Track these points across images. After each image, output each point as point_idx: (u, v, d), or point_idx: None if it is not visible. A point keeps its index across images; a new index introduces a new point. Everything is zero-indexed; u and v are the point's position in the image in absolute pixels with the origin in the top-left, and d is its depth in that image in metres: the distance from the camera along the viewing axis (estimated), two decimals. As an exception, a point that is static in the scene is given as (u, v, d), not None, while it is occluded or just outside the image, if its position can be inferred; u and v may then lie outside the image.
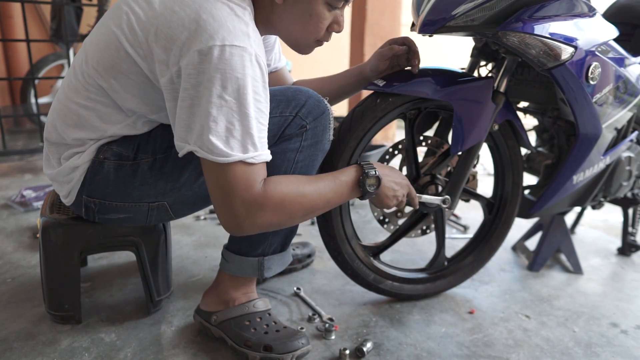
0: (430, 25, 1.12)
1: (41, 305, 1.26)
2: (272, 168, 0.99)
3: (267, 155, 0.90)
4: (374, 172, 1.03)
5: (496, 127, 1.29)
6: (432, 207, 1.30)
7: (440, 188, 1.29)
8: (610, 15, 1.63)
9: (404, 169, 1.33)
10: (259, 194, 0.89)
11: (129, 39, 0.89)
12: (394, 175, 1.09)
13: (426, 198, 1.24)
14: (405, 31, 3.40)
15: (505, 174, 1.42)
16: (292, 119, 1.00)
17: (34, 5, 3.67)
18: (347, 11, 3.32)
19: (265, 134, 0.91)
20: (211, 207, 2.02)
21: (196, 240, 1.75)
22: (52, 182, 1.08)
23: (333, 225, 1.24)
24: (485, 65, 1.43)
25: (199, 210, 1.13)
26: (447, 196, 1.26)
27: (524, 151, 1.54)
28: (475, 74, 1.41)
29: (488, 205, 1.47)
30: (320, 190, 0.97)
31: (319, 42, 1.04)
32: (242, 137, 0.86)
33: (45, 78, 3.03)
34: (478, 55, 1.37)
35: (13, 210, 1.98)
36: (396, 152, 1.30)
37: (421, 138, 1.31)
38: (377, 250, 1.37)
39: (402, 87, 1.16)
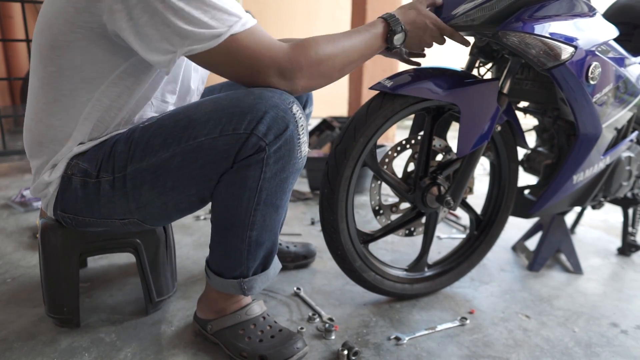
0: None
1: (41, 306, 1.26)
2: (232, 197, 0.94)
3: (253, 19, 0.89)
4: (400, 30, 1.06)
5: (499, 128, 1.29)
6: (432, 208, 1.31)
7: (442, 189, 1.29)
8: (611, 15, 1.63)
9: (411, 165, 1.34)
10: (287, 60, 0.90)
11: (56, 8, 0.89)
12: (418, 26, 1.09)
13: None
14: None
15: (498, 194, 1.45)
16: (246, 138, 0.88)
17: (34, 5, 3.67)
18: (347, 11, 3.31)
19: (234, 1, 0.89)
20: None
21: (196, 240, 1.75)
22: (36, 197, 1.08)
23: (337, 199, 1.22)
24: (484, 64, 1.43)
25: (182, 218, 1.08)
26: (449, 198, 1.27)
27: (523, 151, 1.55)
28: (474, 72, 1.41)
29: (476, 220, 1.48)
30: (353, 41, 0.99)
31: None
32: (219, 14, 0.85)
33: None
34: (477, 53, 1.37)
35: (13, 210, 1.98)
36: (408, 146, 1.30)
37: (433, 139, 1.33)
38: (369, 238, 1.36)
39: (409, 89, 1.16)
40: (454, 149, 1.27)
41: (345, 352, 1.09)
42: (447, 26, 1.12)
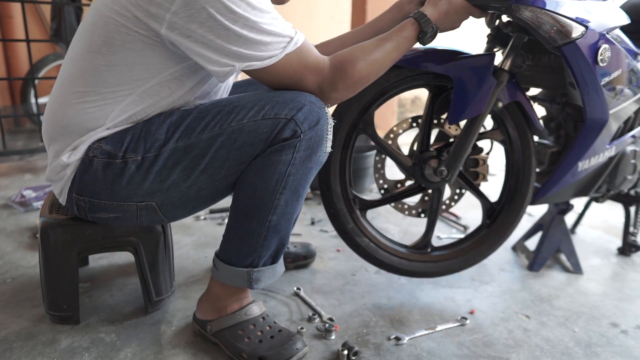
0: None
1: (41, 305, 1.26)
2: (261, 180, 0.98)
3: (302, 35, 0.98)
4: (432, 30, 1.09)
5: (500, 105, 1.29)
6: (430, 181, 1.33)
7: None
8: None
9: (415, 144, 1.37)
10: (327, 78, 0.99)
11: (114, 8, 0.92)
12: (449, 16, 1.12)
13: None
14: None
15: (513, 183, 1.42)
16: (286, 122, 0.96)
17: (34, 5, 3.67)
18: (347, 10, 3.31)
19: (283, 20, 0.97)
20: (211, 207, 2.02)
21: (196, 240, 1.75)
22: (50, 181, 1.08)
23: (331, 158, 1.27)
24: (502, 51, 1.44)
25: (193, 214, 1.10)
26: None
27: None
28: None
29: (489, 210, 1.46)
30: (387, 51, 1.05)
31: None
32: (275, 38, 0.93)
33: (45, 78, 3.03)
34: (493, 41, 1.40)
35: (13, 210, 1.98)
36: (414, 124, 1.35)
37: (442, 120, 1.37)
38: (366, 204, 1.39)
39: (403, 60, 1.21)
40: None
41: (345, 352, 1.09)
42: (476, 9, 1.16)
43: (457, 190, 1.45)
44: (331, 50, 1.31)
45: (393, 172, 1.93)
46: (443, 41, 1.26)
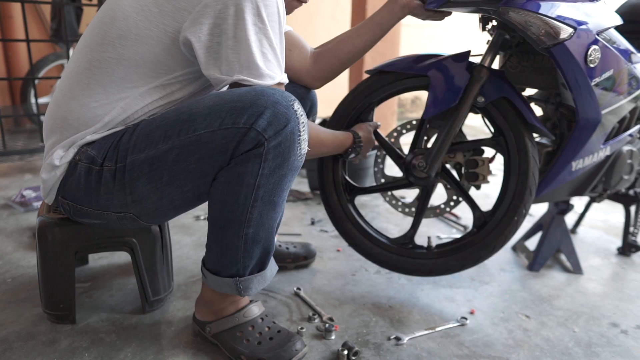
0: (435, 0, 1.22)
1: (41, 306, 1.26)
2: (229, 194, 0.94)
3: (287, 78, 1.01)
4: (360, 144, 1.34)
5: (482, 100, 1.28)
6: (415, 177, 1.37)
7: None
8: (621, 14, 1.63)
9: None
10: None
11: (139, 4, 0.93)
12: (367, 141, 1.38)
13: None
14: (405, 31, 3.40)
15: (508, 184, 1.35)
16: (246, 132, 0.88)
17: (34, 5, 3.67)
18: (347, 10, 3.31)
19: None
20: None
21: (196, 240, 1.75)
22: (41, 179, 1.06)
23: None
24: (503, 55, 1.47)
25: (177, 216, 1.07)
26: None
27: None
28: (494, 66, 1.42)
29: (479, 218, 1.39)
30: (328, 138, 1.26)
31: (300, 2, 1.17)
32: (275, 61, 0.95)
33: (45, 78, 3.03)
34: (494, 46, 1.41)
35: (13, 210, 1.98)
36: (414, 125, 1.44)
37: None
38: (354, 188, 1.48)
39: (386, 66, 1.34)
40: (467, 136, 1.39)
41: (345, 352, 1.09)
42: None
43: (454, 197, 1.43)
44: (329, 46, 1.33)
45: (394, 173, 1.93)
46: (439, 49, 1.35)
